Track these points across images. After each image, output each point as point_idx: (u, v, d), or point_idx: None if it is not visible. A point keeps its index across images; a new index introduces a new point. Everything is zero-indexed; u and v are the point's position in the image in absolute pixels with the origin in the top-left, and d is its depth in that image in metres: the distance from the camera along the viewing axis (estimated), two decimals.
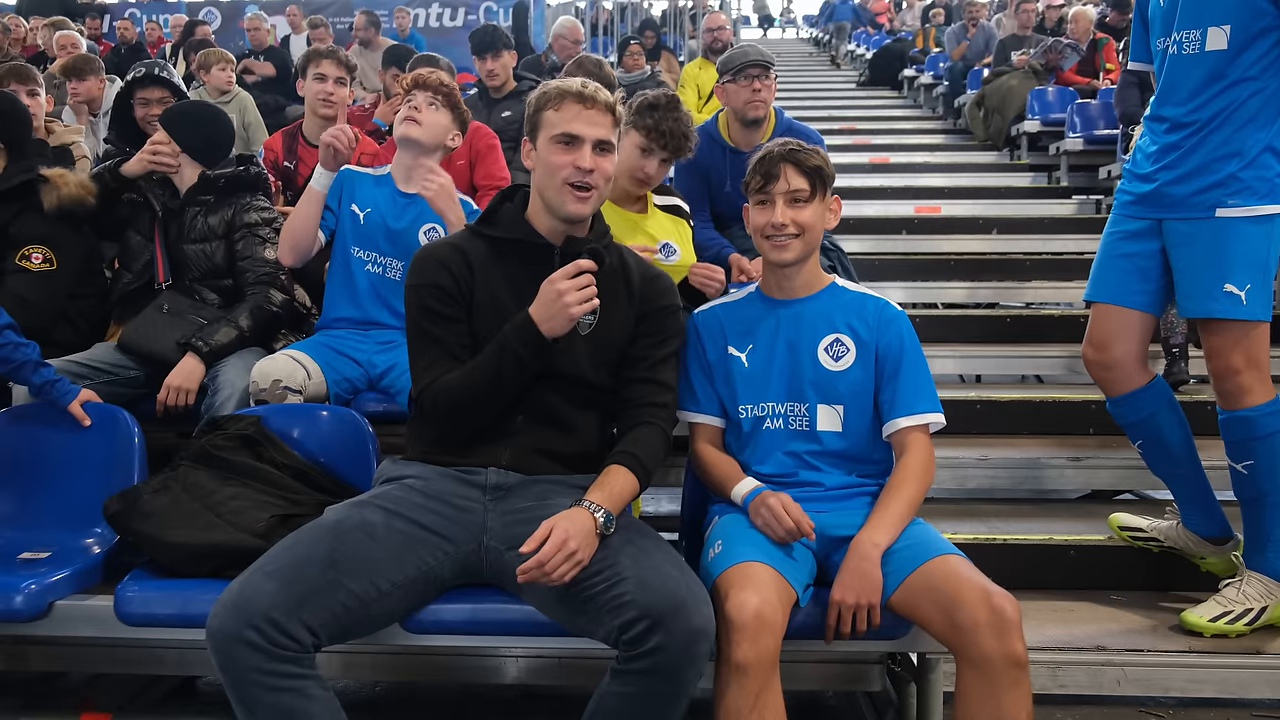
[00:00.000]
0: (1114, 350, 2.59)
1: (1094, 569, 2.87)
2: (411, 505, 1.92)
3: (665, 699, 1.73)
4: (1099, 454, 3.44)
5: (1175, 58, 2.48)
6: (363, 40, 8.02)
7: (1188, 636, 2.52)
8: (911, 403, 2.10)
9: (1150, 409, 2.60)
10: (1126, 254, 2.58)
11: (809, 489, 2.11)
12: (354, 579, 1.78)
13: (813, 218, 2.12)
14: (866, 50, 13.37)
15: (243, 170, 3.03)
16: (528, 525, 1.82)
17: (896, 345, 2.12)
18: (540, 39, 10.08)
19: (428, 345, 2.01)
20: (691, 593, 1.75)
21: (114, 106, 3.83)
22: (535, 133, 2.04)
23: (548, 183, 2.00)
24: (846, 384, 2.11)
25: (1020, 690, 1.77)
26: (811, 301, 2.18)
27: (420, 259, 2.06)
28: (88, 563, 2.21)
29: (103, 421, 2.44)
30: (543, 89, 2.06)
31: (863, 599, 1.89)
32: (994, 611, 1.78)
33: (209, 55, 5.96)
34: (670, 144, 2.75)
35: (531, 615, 1.92)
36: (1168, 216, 2.50)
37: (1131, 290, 2.57)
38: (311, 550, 1.78)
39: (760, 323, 2.18)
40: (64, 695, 2.56)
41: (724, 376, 2.19)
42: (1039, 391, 4.20)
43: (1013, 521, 3.20)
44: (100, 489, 2.25)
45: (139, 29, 10.21)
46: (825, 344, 2.13)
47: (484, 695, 2.57)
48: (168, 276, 2.95)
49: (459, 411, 1.98)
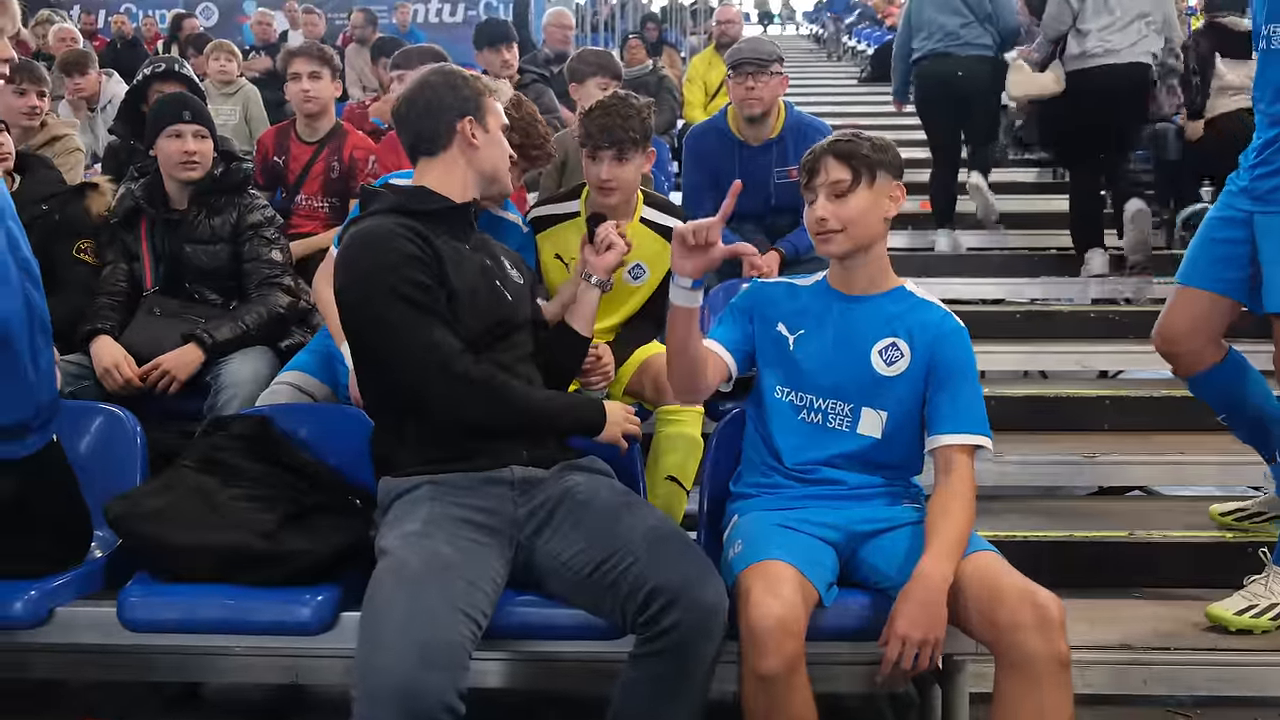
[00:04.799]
0: (1190, 332, 2.60)
1: (1117, 566, 2.85)
2: (455, 522, 1.88)
3: (685, 677, 1.77)
4: (1114, 451, 3.41)
5: (1265, 53, 2.47)
6: (359, 38, 7.94)
7: (1213, 634, 2.48)
8: (961, 420, 1.99)
9: (1227, 382, 2.62)
10: (1220, 239, 2.58)
11: (830, 486, 2.06)
12: (468, 624, 1.73)
13: (856, 210, 2.00)
14: (868, 46, 13.30)
15: (235, 168, 3.00)
16: (556, 514, 1.93)
17: (950, 359, 2.01)
18: (539, 34, 10.03)
19: (423, 323, 1.89)
20: (703, 568, 1.82)
21: (125, 101, 3.81)
22: (484, 115, 2.07)
23: (502, 163, 2.11)
24: (895, 390, 2.03)
25: (1064, 691, 1.74)
26: (874, 301, 2.08)
27: (369, 241, 1.94)
28: (89, 568, 2.15)
29: (103, 422, 2.38)
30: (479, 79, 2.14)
31: (930, 634, 1.79)
32: (1038, 610, 1.74)
33: (216, 47, 5.89)
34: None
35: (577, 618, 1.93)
36: (1257, 210, 2.49)
37: (1215, 276, 2.57)
38: (432, 612, 1.70)
39: (817, 312, 2.10)
40: (66, 703, 2.51)
41: (766, 349, 2.11)
42: (1051, 387, 4.15)
43: (1030, 518, 3.16)
44: (101, 491, 2.19)
45: (134, 24, 10.16)
46: (880, 347, 2.04)
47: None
48: (155, 281, 2.91)
49: (494, 415, 1.95)
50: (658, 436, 2.58)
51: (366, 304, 1.93)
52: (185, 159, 2.87)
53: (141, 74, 3.79)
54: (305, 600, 1.95)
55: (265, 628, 1.96)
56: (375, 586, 1.77)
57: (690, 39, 11.50)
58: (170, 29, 9.05)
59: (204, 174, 2.91)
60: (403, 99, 2.10)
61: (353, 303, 1.97)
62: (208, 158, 2.92)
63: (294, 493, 2.14)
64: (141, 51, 8.82)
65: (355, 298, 1.95)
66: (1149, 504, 3.56)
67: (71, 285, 2.88)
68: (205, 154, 2.91)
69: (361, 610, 1.75)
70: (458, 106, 2.05)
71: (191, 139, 2.87)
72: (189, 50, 6.96)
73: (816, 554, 1.96)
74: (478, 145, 2.06)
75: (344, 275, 1.98)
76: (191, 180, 2.90)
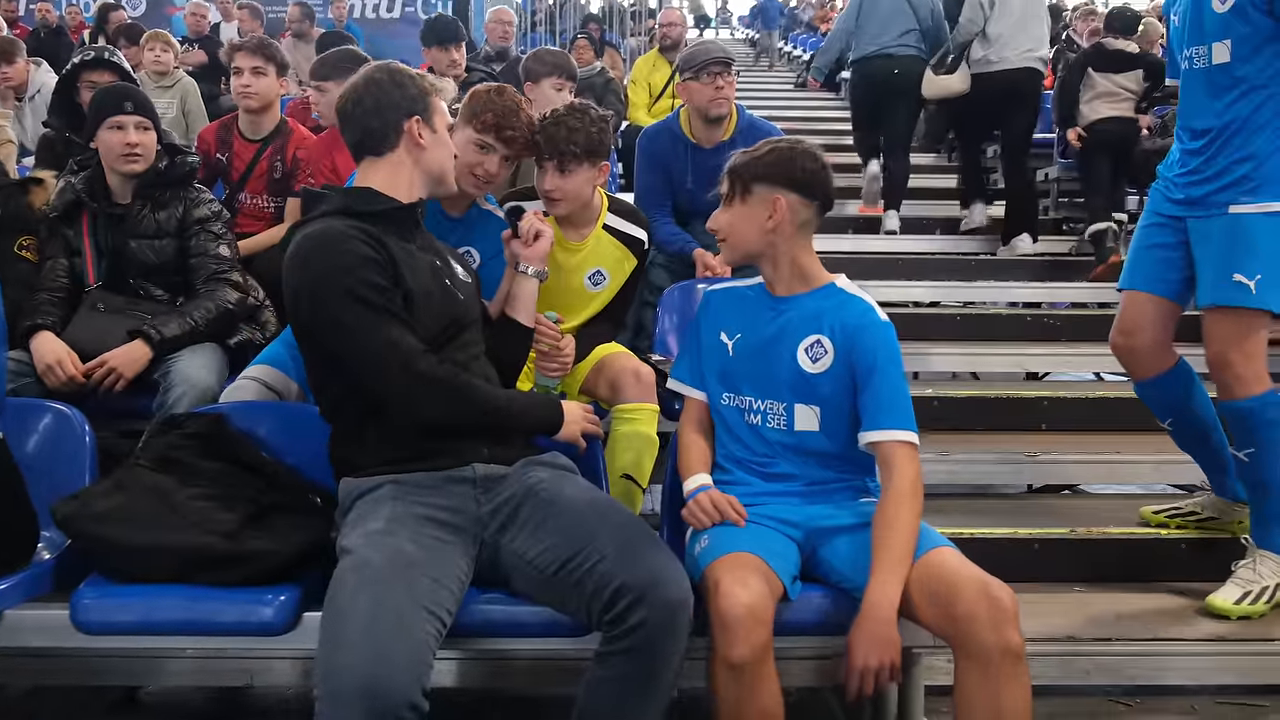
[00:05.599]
0: (1142, 335, 2.73)
1: (1058, 562, 2.91)
2: (418, 520, 1.87)
3: (651, 675, 1.77)
4: (1052, 450, 3.51)
5: (1188, 72, 2.64)
6: (296, 32, 7.80)
7: (1152, 625, 2.57)
8: (883, 416, 2.01)
9: (1177, 389, 2.75)
10: (1155, 244, 2.72)
11: (788, 481, 2.10)
12: (432, 622, 1.71)
13: (726, 221, 2.11)
14: (804, 52, 13.48)
15: (180, 161, 2.92)
16: (521, 511, 1.93)
17: (869, 353, 2.04)
18: (480, 32, 9.96)
19: (380, 323, 1.87)
20: (668, 566, 1.82)
21: (56, 90, 3.68)
22: (431, 115, 2.07)
23: (448, 163, 2.12)
24: (823, 386, 2.07)
25: (1019, 682, 1.78)
26: (800, 300, 2.12)
27: (322, 243, 1.91)
28: (37, 570, 2.08)
29: (50, 420, 2.31)
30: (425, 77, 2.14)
31: (884, 659, 1.83)
32: (992, 603, 1.79)
33: (152, 37, 5.73)
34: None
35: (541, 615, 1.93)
36: (1190, 215, 2.63)
37: (1160, 279, 2.70)
38: (397, 610, 1.68)
39: (752, 313, 2.16)
40: (4, 708, 2.44)
41: (711, 359, 2.18)
42: (991, 388, 4.25)
43: (973, 517, 3.21)
44: (47, 491, 2.12)
45: (59, 12, 9.84)
46: (806, 344, 2.08)
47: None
48: (98, 277, 2.83)
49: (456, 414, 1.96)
50: (613, 435, 2.58)
51: (322, 307, 1.90)
52: (127, 151, 2.80)
53: (72, 63, 3.67)
54: (268, 600, 1.91)
55: (227, 628, 1.92)
56: (337, 585, 1.74)
57: (630, 40, 11.51)
58: (97, 18, 8.77)
59: (147, 167, 2.84)
60: (348, 97, 2.06)
61: (307, 307, 1.93)
62: (151, 150, 2.85)
63: (253, 492, 2.09)
64: (66, 40, 8.56)
65: (310, 301, 1.92)
66: (1084, 501, 3.67)
67: (11, 283, 2.77)
68: (148, 146, 2.84)
69: (323, 609, 1.73)
70: (405, 106, 2.04)
71: (134, 130, 2.80)
72: (121, 40, 6.74)
73: (780, 547, 2.00)
74: (425, 146, 2.05)
75: (297, 278, 1.93)
76: (134, 173, 2.83)
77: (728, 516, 2.01)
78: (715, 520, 2.02)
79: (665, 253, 3.55)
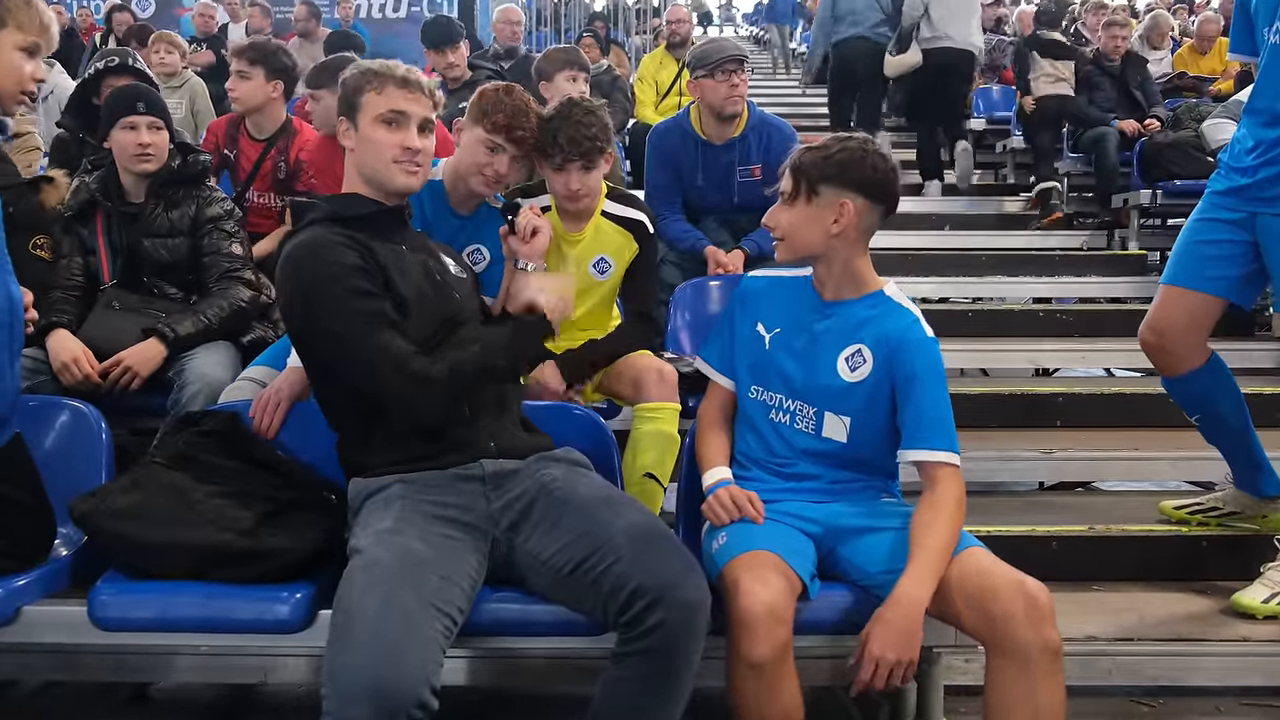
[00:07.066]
0: (1175, 334, 2.59)
1: (1077, 560, 2.89)
2: (428, 519, 1.86)
3: (669, 676, 1.75)
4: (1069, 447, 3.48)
5: (1275, 47, 2.43)
6: (302, 32, 7.80)
7: (1176, 626, 2.55)
8: (924, 434, 1.97)
9: (1209, 385, 2.63)
10: (1210, 240, 2.56)
11: (808, 481, 2.08)
12: (442, 620, 1.70)
13: (789, 222, 2.03)
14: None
15: (192, 160, 2.94)
16: (534, 509, 1.90)
17: (908, 368, 1.99)
18: (486, 31, 9.96)
19: (370, 330, 1.87)
20: (685, 566, 1.79)
21: (76, 94, 3.70)
22: (356, 114, 2.02)
23: (379, 163, 2.00)
24: (858, 397, 2.02)
25: (1056, 679, 1.76)
26: (847, 306, 2.06)
27: (309, 253, 1.91)
28: (54, 566, 2.08)
29: (68, 418, 2.31)
30: (358, 69, 2.06)
31: (904, 656, 1.80)
32: (1029, 600, 1.77)
33: (158, 38, 5.75)
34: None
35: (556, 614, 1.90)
36: (1262, 211, 2.47)
37: (1206, 276, 2.55)
38: (405, 609, 1.66)
39: (796, 311, 2.11)
40: (16, 705, 2.45)
41: (744, 349, 2.14)
42: (1005, 385, 4.23)
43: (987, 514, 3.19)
44: (64, 488, 2.11)
45: (70, 15, 9.87)
46: (847, 353, 2.04)
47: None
48: (113, 275, 2.84)
49: (453, 406, 1.94)
50: (635, 434, 2.58)
51: (313, 316, 1.91)
52: (140, 151, 2.81)
53: (94, 68, 3.70)
54: (284, 598, 1.90)
55: (243, 626, 1.91)
56: (347, 584, 1.73)
57: (635, 39, 11.50)
58: (105, 20, 8.80)
59: (160, 166, 2.85)
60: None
61: (299, 316, 1.94)
62: (163, 150, 2.86)
63: (269, 489, 2.08)
64: (78, 42, 8.58)
65: (301, 311, 1.93)
66: (1101, 498, 3.63)
67: (27, 282, 2.78)
68: (160, 146, 2.85)
69: (333, 609, 1.71)
70: (340, 109, 2.03)
71: (146, 131, 2.81)
72: (133, 43, 6.75)
73: (798, 544, 1.98)
74: (352, 148, 2.04)
75: (288, 288, 1.94)
76: (147, 172, 2.84)
77: (747, 514, 2.00)
78: (735, 517, 2.00)
79: (677, 250, 3.54)
